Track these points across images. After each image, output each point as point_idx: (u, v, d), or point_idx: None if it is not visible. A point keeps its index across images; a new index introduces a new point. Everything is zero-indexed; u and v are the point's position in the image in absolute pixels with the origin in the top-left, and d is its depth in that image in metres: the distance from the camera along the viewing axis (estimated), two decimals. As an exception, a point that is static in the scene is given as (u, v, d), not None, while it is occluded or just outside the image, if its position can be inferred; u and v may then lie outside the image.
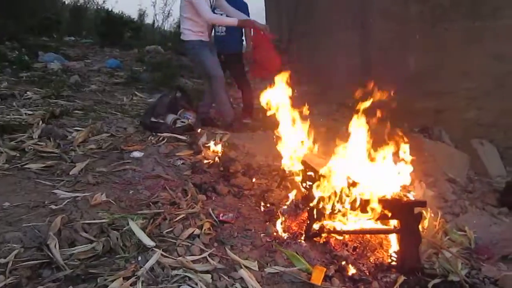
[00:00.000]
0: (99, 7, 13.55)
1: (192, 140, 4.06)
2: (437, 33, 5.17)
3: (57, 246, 2.24)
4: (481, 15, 5.08)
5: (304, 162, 2.93)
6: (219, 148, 3.82)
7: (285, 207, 2.87)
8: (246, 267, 2.29)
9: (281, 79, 3.13)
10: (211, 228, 2.63)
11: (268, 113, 3.13)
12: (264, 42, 4.75)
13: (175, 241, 2.46)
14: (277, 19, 9.92)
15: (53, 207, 2.68)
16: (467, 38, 5.10)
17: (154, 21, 13.46)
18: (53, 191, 2.92)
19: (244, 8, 4.90)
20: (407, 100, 4.78)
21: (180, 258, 2.28)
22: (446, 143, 4.81)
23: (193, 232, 2.54)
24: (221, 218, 2.76)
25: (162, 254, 2.29)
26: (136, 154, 3.66)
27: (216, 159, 3.66)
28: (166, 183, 3.16)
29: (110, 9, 12.88)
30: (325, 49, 6.97)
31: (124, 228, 2.45)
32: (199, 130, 4.38)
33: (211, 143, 3.93)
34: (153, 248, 2.33)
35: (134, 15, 13.55)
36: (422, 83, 5.19)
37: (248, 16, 4.71)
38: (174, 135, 4.13)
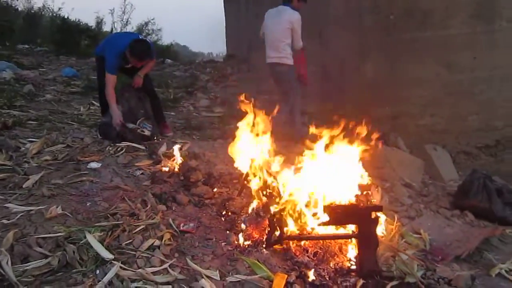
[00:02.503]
0: (54, 14, 13.14)
1: (151, 149, 4.01)
2: (391, 42, 5.35)
3: (9, 262, 2.16)
4: (431, 25, 5.31)
5: (264, 170, 2.95)
6: (179, 157, 3.78)
7: (246, 215, 2.88)
8: (208, 276, 2.28)
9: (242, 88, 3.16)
10: (171, 238, 2.60)
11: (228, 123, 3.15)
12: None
13: (134, 253, 2.41)
14: (237, 29, 10.00)
15: (5, 221, 2.57)
16: (418, 48, 5.31)
17: (112, 29, 13.19)
18: (5, 205, 2.80)
19: None
20: (363, 107, 4.92)
21: (139, 270, 2.24)
22: (401, 149, 4.97)
23: (153, 243, 2.50)
24: (181, 228, 2.73)
25: (121, 267, 2.24)
26: (94, 164, 3.57)
27: (176, 168, 3.63)
28: (125, 194, 3.10)
29: (66, 17, 12.52)
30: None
31: (81, 242, 2.38)
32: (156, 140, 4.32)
33: (173, 152, 3.89)
34: (112, 261, 2.27)
35: (92, 23, 13.24)
36: (377, 90, 5.34)
37: None
38: (133, 144, 4.06)
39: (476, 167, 4.69)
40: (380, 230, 2.87)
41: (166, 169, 3.63)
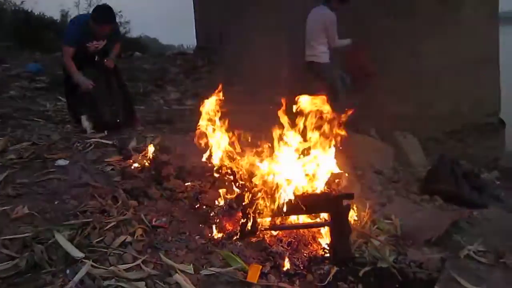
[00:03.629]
0: (16, 8, 12.70)
1: (121, 144, 3.94)
2: (360, 31, 5.40)
3: (-26, 265, 2.09)
4: (400, 13, 5.38)
5: (235, 162, 2.94)
6: (150, 151, 3.72)
7: (219, 207, 2.87)
8: (182, 271, 2.26)
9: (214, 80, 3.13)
10: (143, 234, 2.57)
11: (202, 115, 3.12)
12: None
13: (106, 250, 2.36)
14: (207, 21, 9.89)
15: (-32, 223, 2.49)
16: (387, 36, 5.38)
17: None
18: (-33, 206, 2.70)
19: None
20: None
21: (111, 267, 2.20)
22: (372, 136, 5.04)
23: (125, 240, 2.46)
24: (154, 223, 2.70)
25: (92, 265, 2.19)
26: (61, 162, 3.48)
27: (147, 163, 3.57)
28: (95, 190, 3.03)
29: (29, 10, 12.13)
30: (256, 50, 7.03)
31: (50, 241, 2.32)
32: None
33: (143, 147, 3.83)
34: (82, 260, 2.22)
35: (57, 16, 12.87)
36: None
37: None
38: (102, 140, 3.99)
39: (444, 152, 4.81)
40: (352, 217, 2.92)
41: (137, 164, 3.57)
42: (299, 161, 2.82)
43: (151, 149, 3.76)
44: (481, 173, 4.89)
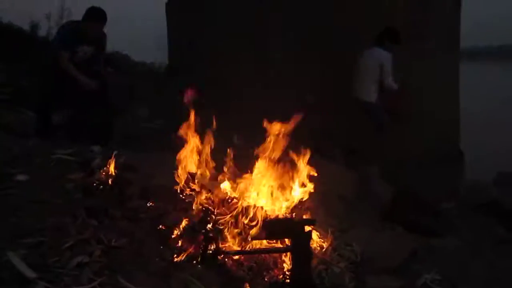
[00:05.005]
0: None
1: (84, 161, 3.85)
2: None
3: None
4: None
5: (201, 185, 2.94)
6: (113, 170, 3.66)
7: (182, 230, 2.84)
8: (140, 294, 2.22)
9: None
10: (102, 255, 2.50)
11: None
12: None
13: (61, 270, 2.29)
14: (179, 39, 9.84)
15: None
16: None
17: (48, 34, 12.58)
18: None
19: None
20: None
21: (66, 289, 2.13)
22: (337, 161, 5.13)
23: (81, 260, 2.38)
24: (113, 243, 2.64)
25: (45, 286, 2.12)
26: (21, 177, 3.37)
27: (110, 181, 3.51)
28: (54, 208, 2.95)
29: (-4, 20, 11.84)
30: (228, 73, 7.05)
31: (2, 260, 2.23)
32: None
33: (107, 164, 3.76)
34: (36, 280, 2.14)
35: (26, 27, 12.57)
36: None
37: None
38: (65, 156, 3.89)
39: (405, 181, 4.94)
40: (313, 243, 2.95)
41: (99, 182, 3.50)
42: (264, 186, 2.85)
43: (115, 167, 3.70)
44: (440, 202, 5.03)
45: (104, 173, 3.63)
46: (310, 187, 2.90)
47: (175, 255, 2.64)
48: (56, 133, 4.59)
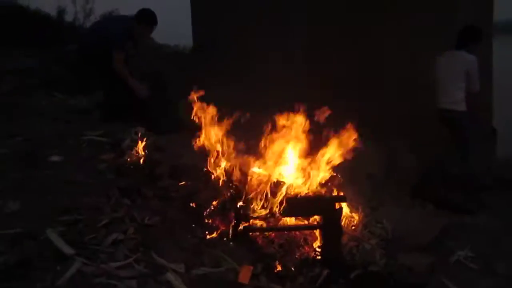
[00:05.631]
0: (12, 3, 12.58)
1: (115, 142, 3.92)
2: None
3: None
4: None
5: (230, 163, 2.96)
6: (143, 150, 3.72)
7: (212, 207, 2.87)
8: (173, 270, 2.26)
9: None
10: (136, 232, 2.56)
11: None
12: None
13: (98, 247, 2.35)
14: (204, 21, 9.82)
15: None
16: (380, 39, 5.42)
17: (74, 19, 12.72)
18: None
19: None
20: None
21: (103, 265, 2.20)
22: (364, 140, 5.05)
23: (117, 238, 2.45)
24: (146, 222, 2.69)
25: (83, 262, 2.18)
26: (55, 158, 3.46)
27: (141, 161, 3.57)
28: (88, 188, 3.03)
29: (25, 6, 12.01)
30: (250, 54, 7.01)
31: (41, 237, 2.31)
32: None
33: (137, 145, 3.82)
34: (74, 257, 2.21)
35: (53, 13, 12.73)
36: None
37: None
38: (97, 138, 3.97)
39: (436, 158, 4.84)
40: (344, 220, 2.94)
41: (131, 162, 3.56)
42: (294, 164, 2.85)
43: (144, 148, 3.76)
44: (473, 179, 4.92)
45: (134, 154, 3.71)
46: (337, 163, 2.86)
47: (207, 232, 2.68)
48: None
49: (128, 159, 3.59)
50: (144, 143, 3.85)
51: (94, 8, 12.87)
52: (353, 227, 3.06)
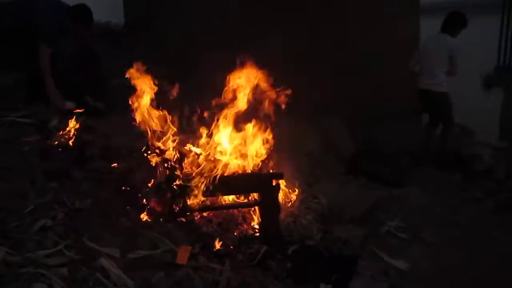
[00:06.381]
0: None
1: (41, 123, 3.67)
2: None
3: None
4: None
5: (164, 141, 2.87)
6: (73, 131, 3.51)
7: (148, 189, 2.78)
8: (107, 255, 2.17)
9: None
10: (66, 218, 2.42)
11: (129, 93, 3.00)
12: None
13: (23, 236, 2.20)
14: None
15: None
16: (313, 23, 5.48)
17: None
18: None
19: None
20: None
21: (29, 254, 2.06)
22: (302, 119, 5.13)
23: (44, 224, 2.30)
24: (77, 206, 2.56)
25: (7, 252, 2.03)
26: (-29, 142, 3.18)
27: (70, 143, 3.37)
28: (9, 172, 2.81)
29: None
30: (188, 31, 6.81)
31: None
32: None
33: (65, 125, 3.60)
34: (-3, 247, 2.06)
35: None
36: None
37: None
38: (19, 119, 3.69)
39: (368, 136, 5.03)
40: (281, 196, 2.97)
41: (59, 143, 3.36)
42: (230, 142, 2.81)
43: (74, 128, 3.56)
44: (401, 156, 5.17)
45: (62, 135, 3.50)
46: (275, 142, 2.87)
47: (142, 215, 2.59)
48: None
49: (56, 141, 3.38)
50: (73, 124, 3.64)
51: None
52: (290, 203, 3.10)
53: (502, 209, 3.82)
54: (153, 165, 2.79)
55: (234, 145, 2.78)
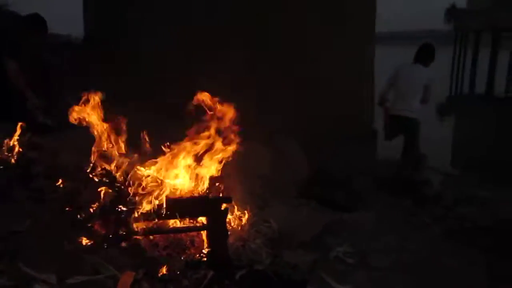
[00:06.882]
0: None
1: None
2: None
3: None
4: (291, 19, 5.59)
5: (113, 163, 2.79)
6: (16, 148, 3.37)
7: (92, 210, 2.69)
8: (43, 281, 2.07)
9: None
10: (1, 240, 2.31)
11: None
12: None
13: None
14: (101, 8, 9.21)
15: None
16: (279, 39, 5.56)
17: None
18: None
19: None
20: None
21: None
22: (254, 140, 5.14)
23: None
24: (15, 228, 2.44)
25: None
26: None
27: (14, 160, 3.23)
28: None
29: None
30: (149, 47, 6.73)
31: None
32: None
33: (9, 142, 3.44)
34: None
35: None
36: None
37: None
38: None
39: (322, 158, 5.10)
40: (230, 220, 2.94)
41: (1, 161, 3.21)
42: (180, 164, 2.78)
43: (18, 145, 3.41)
44: (354, 179, 5.27)
45: (6, 152, 3.35)
46: (220, 164, 2.85)
47: (85, 238, 2.50)
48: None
49: (-3, 158, 3.24)
50: (17, 140, 3.49)
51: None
52: (240, 227, 3.08)
53: (449, 235, 3.94)
54: (99, 185, 2.70)
55: (183, 167, 2.74)
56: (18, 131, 3.49)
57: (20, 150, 3.38)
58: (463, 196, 4.98)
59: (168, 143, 2.85)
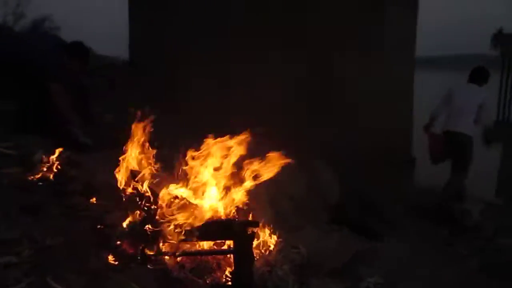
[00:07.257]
0: None
1: (25, 155, 3.66)
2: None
3: None
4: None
5: (144, 184, 2.85)
6: (55, 165, 3.50)
7: (122, 229, 2.74)
8: (70, 297, 2.11)
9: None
10: (34, 254, 2.37)
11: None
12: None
13: (-15, 272, 2.15)
14: (141, 35, 9.59)
15: None
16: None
17: (5, 22, 11.85)
18: None
19: None
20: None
21: (-13, 291, 2.00)
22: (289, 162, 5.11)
23: (9, 261, 2.25)
24: (47, 242, 2.51)
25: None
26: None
27: (52, 177, 3.35)
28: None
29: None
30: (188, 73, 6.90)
31: None
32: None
33: (48, 159, 3.58)
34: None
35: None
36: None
37: None
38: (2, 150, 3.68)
39: (356, 183, 5.00)
40: (258, 245, 2.92)
41: (40, 177, 3.33)
42: (212, 187, 2.80)
43: (58, 162, 3.54)
44: (389, 206, 5.13)
45: (45, 169, 3.48)
46: (249, 186, 2.84)
47: (113, 256, 2.54)
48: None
49: (37, 174, 3.36)
50: (57, 158, 3.62)
51: (25, 12, 12.15)
52: (268, 252, 3.04)
53: (487, 268, 3.75)
54: (129, 205, 2.75)
55: (213, 190, 2.76)
56: (59, 149, 3.64)
57: (59, 167, 3.51)
58: (504, 227, 4.74)
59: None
